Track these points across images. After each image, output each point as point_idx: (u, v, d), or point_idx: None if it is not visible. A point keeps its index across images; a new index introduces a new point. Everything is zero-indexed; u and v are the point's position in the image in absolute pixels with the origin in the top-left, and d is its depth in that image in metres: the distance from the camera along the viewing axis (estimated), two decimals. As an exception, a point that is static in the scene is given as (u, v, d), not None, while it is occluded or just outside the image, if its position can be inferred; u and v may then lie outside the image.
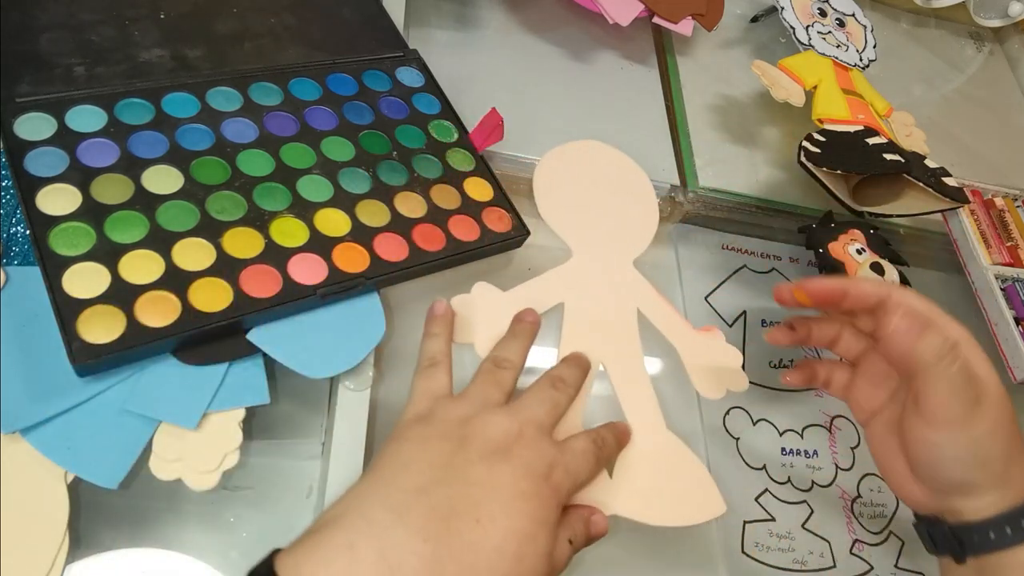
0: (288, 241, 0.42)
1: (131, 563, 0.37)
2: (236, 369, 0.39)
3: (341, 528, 0.30)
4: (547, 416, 0.38)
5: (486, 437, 0.35)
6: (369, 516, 0.31)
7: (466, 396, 0.38)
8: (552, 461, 0.35)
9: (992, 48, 0.91)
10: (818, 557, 0.51)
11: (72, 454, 0.35)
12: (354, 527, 0.30)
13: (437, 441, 0.35)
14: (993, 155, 0.78)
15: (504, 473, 0.34)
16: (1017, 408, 0.38)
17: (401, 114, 0.52)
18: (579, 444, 0.38)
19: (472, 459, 0.34)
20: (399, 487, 0.32)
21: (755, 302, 0.60)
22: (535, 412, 0.37)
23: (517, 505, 0.33)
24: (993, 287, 0.60)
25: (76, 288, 0.37)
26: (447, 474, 0.33)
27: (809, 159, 0.58)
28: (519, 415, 0.36)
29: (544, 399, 0.39)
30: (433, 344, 0.41)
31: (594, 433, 0.39)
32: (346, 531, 0.30)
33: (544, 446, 0.36)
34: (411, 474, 0.33)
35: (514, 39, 0.65)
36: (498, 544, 0.32)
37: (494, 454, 0.34)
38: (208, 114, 0.46)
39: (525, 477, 0.34)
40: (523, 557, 0.32)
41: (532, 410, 0.37)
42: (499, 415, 0.36)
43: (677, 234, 0.62)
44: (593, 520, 0.38)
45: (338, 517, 0.31)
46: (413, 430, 0.36)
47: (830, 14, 0.71)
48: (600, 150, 0.57)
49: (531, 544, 0.32)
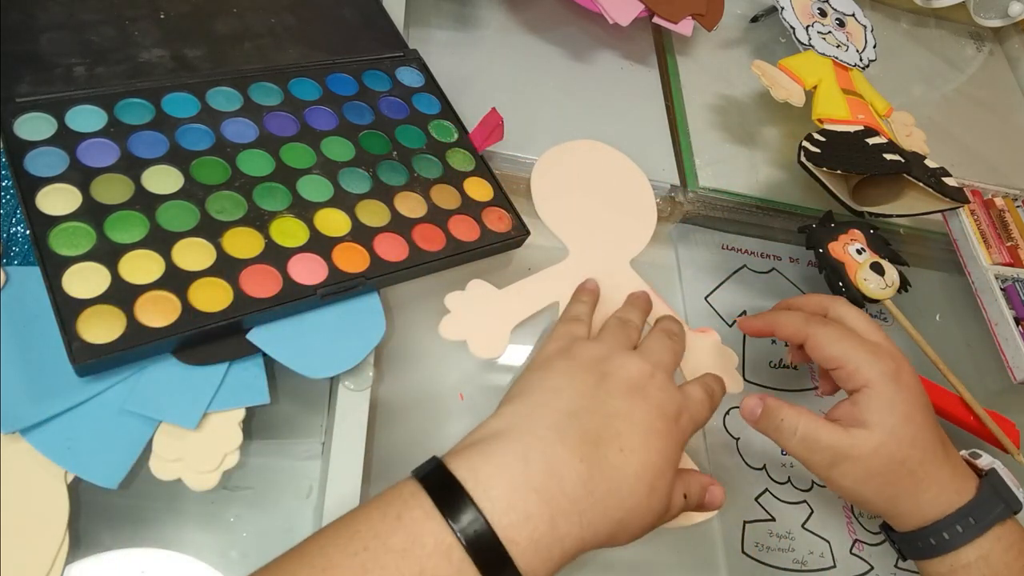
0: (288, 241, 0.42)
1: (131, 563, 0.37)
2: (236, 369, 0.39)
3: (511, 441, 0.33)
4: (672, 362, 0.41)
5: (624, 375, 0.37)
6: (536, 433, 0.34)
7: (601, 338, 0.41)
8: (680, 406, 0.38)
9: (992, 48, 0.91)
10: (818, 557, 0.51)
11: (72, 454, 0.35)
12: (523, 441, 0.33)
13: (581, 373, 0.37)
14: (993, 155, 0.78)
15: (641, 409, 0.36)
16: (1017, 408, 0.38)
17: (401, 114, 0.52)
18: (697, 392, 0.40)
19: (613, 392, 0.36)
20: (554, 408, 0.35)
21: (755, 302, 0.60)
22: (663, 357, 0.40)
23: (652, 441, 0.35)
24: (993, 287, 0.60)
25: (76, 288, 0.37)
26: (592, 403, 0.36)
27: (809, 159, 0.58)
28: (651, 358, 0.39)
29: (666, 347, 0.41)
30: (579, 307, 0.45)
31: (704, 382, 0.42)
32: (518, 443, 0.33)
33: (673, 390, 0.38)
34: (563, 399, 0.36)
35: (514, 39, 0.65)
36: (637, 472, 0.34)
37: (632, 391, 0.37)
38: (208, 114, 0.46)
39: (659, 417, 0.36)
40: (654, 489, 0.35)
41: (660, 355, 0.40)
42: (635, 356, 0.39)
43: (677, 234, 0.62)
44: (711, 490, 0.40)
45: (504, 431, 0.34)
46: (558, 361, 0.38)
47: (830, 14, 0.71)
48: (599, 150, 0.57)
49: (662, 479, 0.35)
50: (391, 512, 0.31)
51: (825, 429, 0.40)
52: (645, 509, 0.35)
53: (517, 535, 0.31)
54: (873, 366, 0.41)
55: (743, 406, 0.43)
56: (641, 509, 0.35)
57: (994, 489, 0.41)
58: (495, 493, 0.31)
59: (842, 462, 0.40)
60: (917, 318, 0.56)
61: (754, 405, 0.42)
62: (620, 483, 0.34)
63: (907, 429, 0.40)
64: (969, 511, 0.40)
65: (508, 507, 0.31)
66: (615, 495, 0.34)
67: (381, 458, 0.42)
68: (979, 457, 0.43)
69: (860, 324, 0.44)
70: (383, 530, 0.30)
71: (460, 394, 0.48)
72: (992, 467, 0.42)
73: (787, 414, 0.41)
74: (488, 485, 0.31)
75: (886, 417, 0.40)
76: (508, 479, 0.32)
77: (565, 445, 0.33)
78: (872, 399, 0.40)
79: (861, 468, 0.39)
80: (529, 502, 0.31)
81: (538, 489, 0.32)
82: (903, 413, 0.40)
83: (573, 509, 0.32)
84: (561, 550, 0.32)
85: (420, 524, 0.30)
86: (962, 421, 0.54)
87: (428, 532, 0.30)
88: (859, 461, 0.39)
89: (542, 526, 0.31)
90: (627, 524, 0.34)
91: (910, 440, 0.40)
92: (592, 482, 0.33)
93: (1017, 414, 0.57)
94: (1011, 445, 0.52)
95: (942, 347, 0.54)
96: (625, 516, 0.34)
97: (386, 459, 0.42)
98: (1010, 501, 0.41)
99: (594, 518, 0.33)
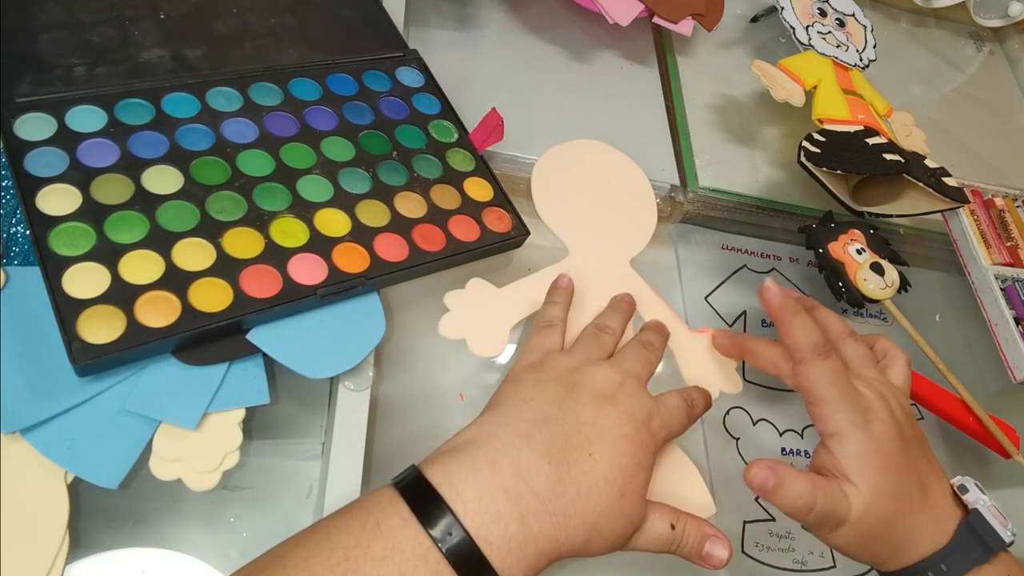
0: (288, 241, 0.42)
1: (131, 563, 0.37)
2: (236, 369, 0.39)
3: (481, 448, 0.34)
4: (643, 371, 0.41)
5: (593, 384, 0.38)
6: (503, 439, 0.35)
7: (573, 351, 0.42)
8: (651, 411, 0.39)
9: (992, 48, 0.91)
10: (818, 557, 0.51)
11: (72, 454, 0.35)
12: (491, 447, 0.34)
13: (551, 384, 0.38)
14: (993, 155, 0.78)
15: (610, 416, 0.37)
16: (1017, 408, 0.38)
17: (401, 114, 0.52)
18: (673, 400, 0.41)
19: (582, 401, 0.37)
20: (522, 418, 0.36)
21: (755, 302, 0.60)
22: (634, 366, 0.41)
23: (621, 446, 0.36)
24: (993, 287, 0.60)
25: (76, 288, 0.37)
26: (560, 411, 0.37)
27: (809, 159, 0.58)
28: (621, 367, 0.40)
29: (639, 355, 0.42)
30: (552, 310, 0.45)
31: (684, 392, 0.42)
32: (486, 450, 0.34)
33: (644, 397, 0.39)
34: (531, 408, 0.37)
35: (514, 39, 0.65)
36: (607, 476, 0.35)
37: (601, 399, 0.38)
38: (208, 114, 0.46)
39: (628, 422, 0.37)
40: (625, 493, 0.35)
41: (631, 363, 0.41)
42: (604, 366, 0.40)
43: (677, 234, 0.62)
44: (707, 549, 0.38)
45: (475, 440, 0.35)
46: (528, 375, 0.40)
47: (830, 14, 0.71)
48: (599, 149, 0.57)
49: (632, 482, 0.36)
50: (370, 520, 0.32)
51: (832, 496, 0.38)
52: (617, 513, 0.35)
53: (489, 534, 0.32)
54: (843, 414, 0.39)
55: (752, 476, 0.39)
56: (613, 513, 0.35)
57: (973, 532, 0.39)
58: (467, 496, 0.32)
59: (839, 526, 0.39)
60: (917, 318, 0.56)
61: (765, 478, 0.39)
62: (590, 486, 0.35)
63: (885, 482, 0.38)
64: (941, 559, 0.38)
65: (479, 508, 0.32)
66: (585, 498, 0.34)
67: (381, 458, 0.42)
68: (967, 492, 0.41)
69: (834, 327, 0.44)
70: (363, 539, 0.31)
71: (460, 394, 0.48)
72: (975, 506, 0.40)
73: (803, 489, 0.38)
74: (460, 488, 0.33)
75: (865, 472, 0.38)
76: (478, 482, 0.33)
77: (533, 449, 0.35)
78: (847, 449, 0.39)
79: (855, 531, 0.38)
80: (499, 503, 0.32)
81: (507, 490, 0.33)
82: (879, 466, 0.39)
83: (543, 509, 0.33)
84: (535, 550, 0.33)
85: (398, 531, 0.31)
86: (962, 423, 0.54)
87: (406, 539, 0.31)
88: (854, 525, 0.38)
89: (513, 525, 0.32)
90: (601, 528, 0.35)
91: (890, 495, 0.38)
92: (561, 484, 0.34)
93: (1017, 414, 0.57)
94: (1011, 447, 0.52)
95: (942, 347, 0.54)
96: (598, 519, 0.34)
97: (386, 459, 0.42)
98: (991, 542, 0.39)
99: (566, 520, 0.34)
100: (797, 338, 0.41)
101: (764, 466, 0.39)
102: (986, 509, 0.40)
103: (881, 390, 0.41)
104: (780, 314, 0.42)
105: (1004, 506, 0.41)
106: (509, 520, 0.32)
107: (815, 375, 0.40)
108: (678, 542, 0.38)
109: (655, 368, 0.42)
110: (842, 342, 0.44)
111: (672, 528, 0.38)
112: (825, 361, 0.40)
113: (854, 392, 0.40)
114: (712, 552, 0.38)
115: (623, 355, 0.42)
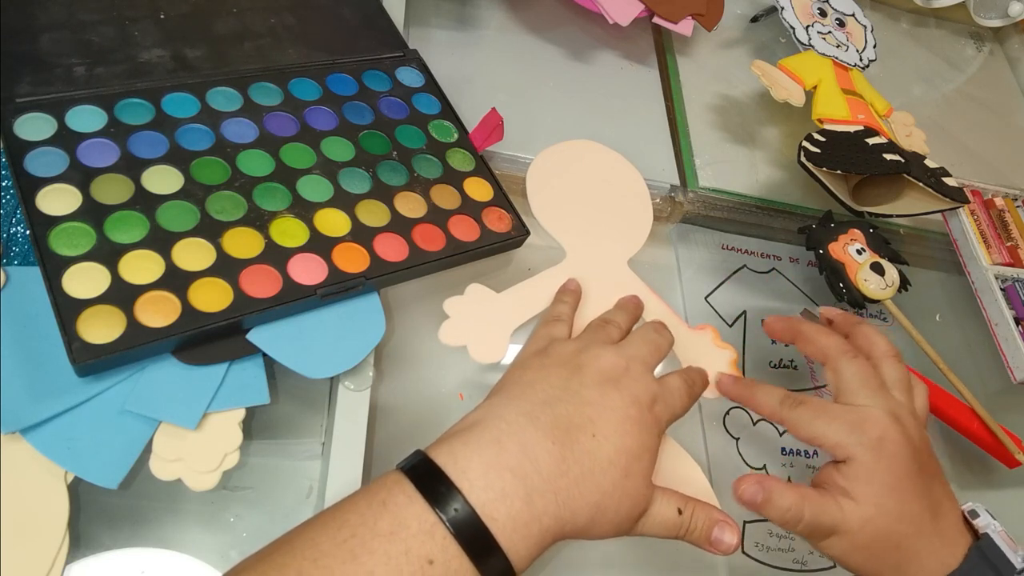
0: (288, 241, 0.42)
1: (131, 563, 0.37)
2: (236, 369, 0.39)
3: (486, 428, 0.35)
4: (650, 356, 0.41)
5: (598, 366, 0.38)
6: (508, 419, 0.35)
7: (579, 338, 0.42)
8: (655, 394, 0.39)
9: (992, 48, 0.91)
10: (818, 557, 0.51)
11: (72, 454, 0.35)
12: (496, 427, 0.35)
13: (556, 368, 0.39)
14: (993, 155, 0.78)
15: (614, 398, 0.37)
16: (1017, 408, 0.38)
17: (401, 114, 0.52)
18: (674, 382, 0.41)
19: (586, 383, 0.38)
20: (527, 399, 0.36)
21: (755, 302, 0.60)
22: (640, 350, 0.41)
23: (625, 427, 0.36)
24: (993, 287, 0.60)
25: (76, 288, 0.37)
26: (565, 393, 0.37)
27: (809, 159, 0.58)
28: (626, 352, 0.40)
29: (648, 340, 0.42)
30: (561, 307, 0.46)
31: (684, 373, 0.42)
32: (491, 430, 0.35)
33: (648, 380, 0.39)
34: (536, 390, 0.37)
35: (514, 39, 0.65)
36: (611, 456, 0.35)
37: (606, 382, 0.38)
38: (208, 114, 0.46)
39: (632, 404, 0.37)
40: (629, 474, 0.36)
41: (637, 348, 0.41)
42: (609, 350, 0.40)
43: (677, 234, 0.62)
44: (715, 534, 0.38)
45: (480, 421, 0.35)
46: (533, 360, 0.40)
47: (830, 14, 0.71)
48: (595, 149, 0.57)
49: (637, 463, 0.36)
50: (376, 500, 0.32)
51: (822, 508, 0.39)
52: (622, 493, 0.35)
53: (495, 512, 0.32)
54: (852, 438, 0.39)
55: (743, 491, 0.40)
56: (618, 493, 0.35)
57: (983, 557, 0.39)
58: (472, 474, 0.33)
59: (830, 535, 0.39)
60: (917, 318, 0.56)
61: (754, 492, 0.39)
62: (593, 465, 0.35)
63: (892, 502, 0.39)
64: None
65: (485, 486, 0.32)
66: (589, 477, 0.34)
67: (381, 458, 0.42)
68: (977, 517, 0.41)
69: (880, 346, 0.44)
70: (369, 517, 0.31)
71: (460, 394, 0.48)
72: (986, 531, 0.40)
73: (791, 501, 0.39)
74: (465, 467, 0.33)
75: (871, 490, 0.39)
76: (483, 460, 0.33)
77: (538, 429, 0.35)
78: (856, 470, 0.39)
79: (848, 542, 0.39)
80: (504, 480, 0.33)
81: (512, 468, 0.33)
82: (887, 485, 0.39)
83: (548, 488, 0.33)
84: (540, 528, 0.33)
85: (404, 508, 0.31)
86: (967, 429, 0.54)
87: (412, 515, 0.31)
88: (847, 535, 0.38)
89: (518, 503, 0.32)
90: (605, 508, 0.35)
91: (896, 514, 0.39)
92: (565, 463, 0.34)
93: (1017, 414, 0.57)
94: (1018, 452, 0.52)
95: (942, 347, 0.54)
96: (601, 499, 0.35)
97: (386, 459, 0.42)
98: (1002, 567, 0.38)
99: (570, 499, 0.34)
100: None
101: (752, 481, 0.40)
102: (996, 534, 0.40)
103: (901, 414, 0.41)
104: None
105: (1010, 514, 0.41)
106: (514, 498, 0.32)
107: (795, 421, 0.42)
108: (686, 527, 0.38)
109: (664, 354, 0.42)
110: (884, 362, 0.44)
111: (679, 513, 0.38)
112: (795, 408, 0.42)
113: (854, 413, 0.40)
114: (720, 537, 0.38)
115: (629, 340, 0.42)
